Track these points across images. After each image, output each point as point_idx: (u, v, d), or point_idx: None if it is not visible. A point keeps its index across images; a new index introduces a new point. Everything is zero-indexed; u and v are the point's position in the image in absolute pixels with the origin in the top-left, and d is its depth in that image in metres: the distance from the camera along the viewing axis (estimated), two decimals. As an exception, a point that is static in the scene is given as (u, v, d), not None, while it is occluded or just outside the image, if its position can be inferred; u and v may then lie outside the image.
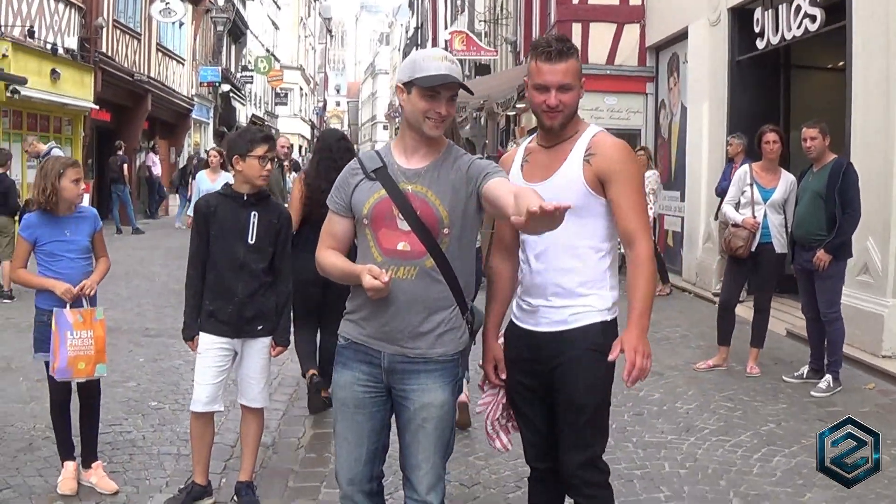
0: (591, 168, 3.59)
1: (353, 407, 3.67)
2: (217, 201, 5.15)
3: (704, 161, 13.72)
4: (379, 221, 3.53)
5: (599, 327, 3.64)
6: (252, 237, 5.05)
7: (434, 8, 51.11)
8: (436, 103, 3.47)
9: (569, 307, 3.65)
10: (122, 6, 25.48)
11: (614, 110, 17.53)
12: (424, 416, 3.58)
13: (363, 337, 3.62)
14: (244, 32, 46.16)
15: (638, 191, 3.67)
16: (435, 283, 3.52)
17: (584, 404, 3.64)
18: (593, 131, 3.70)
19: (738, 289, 8.67)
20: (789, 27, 10.83)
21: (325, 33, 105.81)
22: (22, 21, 18.83)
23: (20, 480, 5.48)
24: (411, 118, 3.55)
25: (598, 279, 3.67)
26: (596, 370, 3.61)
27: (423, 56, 3.54)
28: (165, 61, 30.27)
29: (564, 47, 3.62)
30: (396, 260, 3.50)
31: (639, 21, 17.22)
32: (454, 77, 3.47)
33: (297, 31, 73.33)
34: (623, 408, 7.26)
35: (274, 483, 5.66)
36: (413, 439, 3.62)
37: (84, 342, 5.24)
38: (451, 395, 3.63)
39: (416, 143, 3.59)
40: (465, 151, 3.69)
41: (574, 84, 3.63)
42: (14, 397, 7.10)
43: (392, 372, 3.59)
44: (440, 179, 3.52)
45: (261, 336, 5.17)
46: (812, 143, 7.69)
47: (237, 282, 5.04)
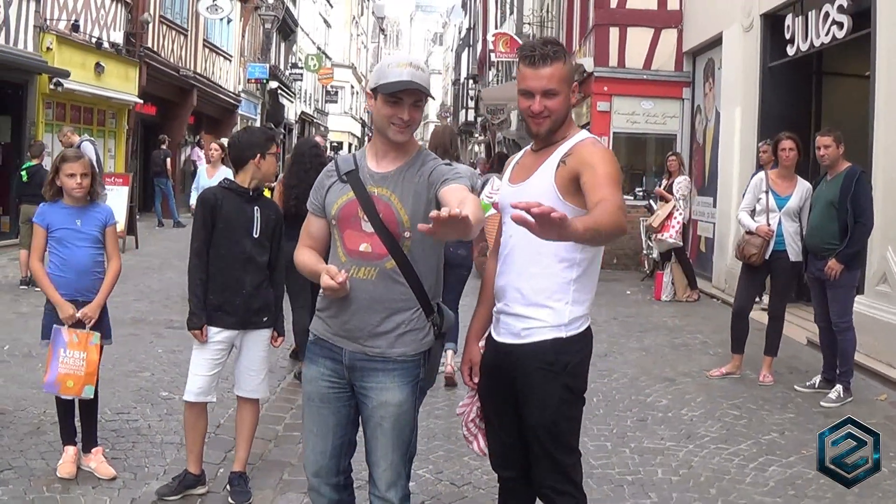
0: (566, 168, 3.49)
1: (318, 401, 3.75)
2: (222, 195, 5.26)
3: (736, 167, 13.65)
4: (345, 222, 3.61)
5: (550, 344, 3.55)
6: (256, 231, 5.20)
7: (485, 9, 51.16)
8: (399, 109, 3.52)
9: (523, 318, 3.59)
10: (168, 2, 25.81)
11: (651, 115, 17.52)
12: (382, 415, 3.64)
13: (328, 334, 3.71)
14: (294, 30, 46.43)
15: (610, 178, 3.38)
16: (396, 284, 3.57)
17: (537, 423, 3.60)
18: (580, 137, 3.62)
19: (752, 296, 8.61)
20: (818, 34, 10.76)
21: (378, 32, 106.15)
22: (67, 15, 19.14)
23: (22, 462, 5.62)
24: (378, 124, 3.62)
25: (558, 290, 3.56)
26: (546, 388, 3.56)
27: (388, 63, 3.59)
28: (212, 57, 30.57)
29: (550, 51, 3.53)
30: (358, 261, 3.58)
31: (676, 26, 17.16)
32: (416, 83, 3.49)
33: (350, 30, 73.68)
34: (627, 413, 7.28)
35: (270, 475, 5.74)
36: (372, 436, 3.69)
37: (75, 362, 5.39)
38: (409, 394, 3.67)
39: (386, 148, 3.66)
40: (436, 157, 3.72)
41: (560, 89, 3.55)
42: (30, 383, 7.25)
43: (353, 369, 3.66)
44: (404, 184, 3.57)
45: (264, 327, 5.32)
46: (826, 151, 7.64)
47: (245, 274, 5.16)
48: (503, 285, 3.69)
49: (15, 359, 8.12)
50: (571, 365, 3.58)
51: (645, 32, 17.39)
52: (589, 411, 7.21)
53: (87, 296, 5.48)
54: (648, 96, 17.47)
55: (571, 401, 3.63)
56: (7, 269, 13.61)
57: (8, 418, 6.45)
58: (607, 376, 8.45)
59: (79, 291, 5.46)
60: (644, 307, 12.97)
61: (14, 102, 17.79)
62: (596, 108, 17.63)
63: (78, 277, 5.46)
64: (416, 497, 5.40)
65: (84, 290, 5.48)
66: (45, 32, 18.17)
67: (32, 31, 17.77)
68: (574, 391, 3.63)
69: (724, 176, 14.29)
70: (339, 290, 3.47)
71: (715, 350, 9.74)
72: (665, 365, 9.05)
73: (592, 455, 6.19)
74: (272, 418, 6.83)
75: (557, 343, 3.55)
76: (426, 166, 3.61)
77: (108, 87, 20.92)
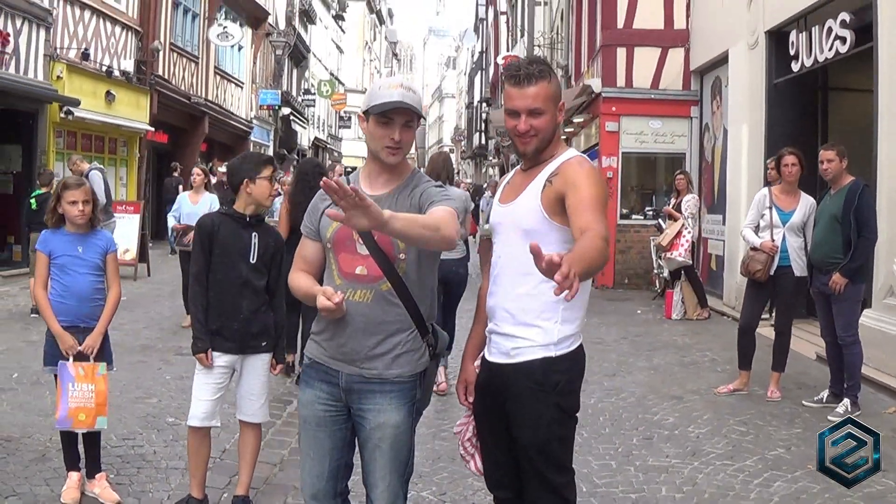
0: (552, 188, 3.47)
1: (314, 425, 3.75)
2: (219, 220, 5.31)
3: (744, 184, 13.63)
4: (340, 245, 3.62)
5: (539, 364, 3.53)
6: (254, 257, 5.22)
7: (496, 33, 51.42)
8: (390, 130, 3.52)
9: (512, 338, 3.57)
10: (179, 30, 26.00)
11: (659, 134, 17.56)
12: (380, 436, 3.63)
13: (324, 357, 3.71)
14: (306, 56, 46.68)
15: (593, 201, 3.35)
16: (391, 306, 3.57)
17: (528, 443, 3.58)
18: (567, 156, 3.59)
19: (758, 312, 8.57)
20: (821, 49, 10.77)
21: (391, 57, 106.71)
22: (77, 43, 19.34)
23: (27, 489, 5.64)
24: (371, 146, 3.62)
25: (546, 309, 3.52)
26: (537, 408, 3.54)
27: (379, 84, 3.61)
28: (223, 84, 30.75)
29: (535, 70, 3.51)
30: (354, 283, 3.58)
31: (683, 45, 17.21)
32: (406, 103, 3.50)
33: (362, 55, 74.06)
34: (634, 432, 7.26)
35: (274, 498, 5.74)
36: (370, 458, 3.69)
37: (85, 395, 5.43)
38: (406, 415, 3.66)
39: (379, 171, 3.67)
40: (429, 179, 3.73)
41: (546, 108, 3.52)
42: (37, 410, 7.29)
43: (349, 391, 3.66)
44: (397, 206, 3.54)
45: (264, 352, 5.34)
46: (829, 166, 7.64)
47: (242, 299, 5.19)
48: (493, 305, 3.69)
49: (23, 386, 8.15)
50: (562, 384, 3.56)
51: (652, 52, 17.45)
52: (595, 430, 7.23)
53: (88, 322, 5.52)
54: (657, 115, 17.51)
55: (563, 420, 3.61)
56: (18, 298, 13.68)
57: (14, 445, 6.47)
58: (615, 395, 8.44)
59: (80, 318, 5.50)
60: (654, 326, 12.94)
61: (25, 131, 17.93)
62: (605, 129, 17.68)
63: (79, 304, 5.50)
64: (419, 518, 5.43)
65: (85, 316, 5.52)
66: (56, 61, 18.36)
67: (43, 60, 17.96)
68: (565, 410, 3.61)
69: (733, 193, 14.28)
70: (335, 311, 3.47)
71: (724, 367, 9.71)
72: (673, 383, 9.03)
73: (596, 474, 6.17)
74: (277, 442, 6.83)
75: (547, 362, 3.53)
76: (418, 188, 3.62)
77: (118, 115, 21.09)
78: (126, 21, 21.79)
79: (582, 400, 8.01)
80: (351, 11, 65.32)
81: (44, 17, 17.76)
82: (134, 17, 22.25)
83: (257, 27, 33.97)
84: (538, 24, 32.63)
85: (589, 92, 18.38)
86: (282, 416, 7.50)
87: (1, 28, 16.42)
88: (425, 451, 6.60)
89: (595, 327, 12.57)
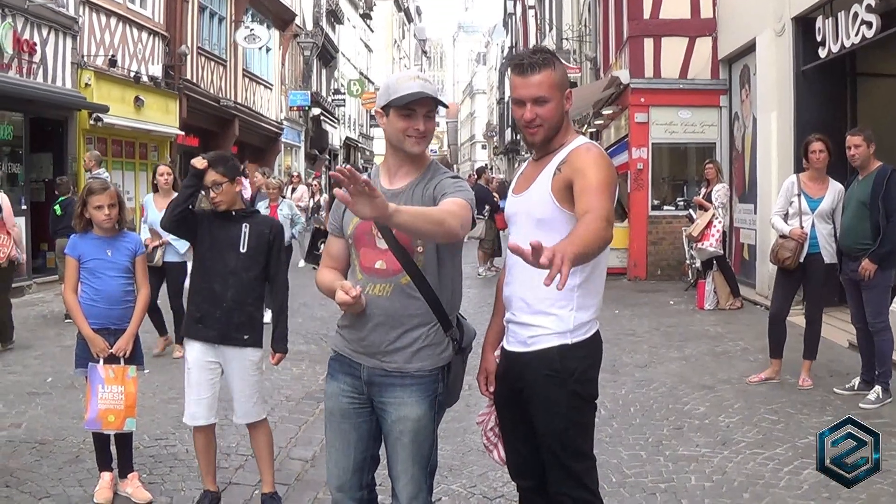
0: (561, 176, 3.50)
1: (339, 416, 3.81)
2: (210, 219, 5.36)
3: (774, 172, 13.54)
4: (361, 241, 3.67)
5: (556, 351, 3.55)
6: (244, 246, 5.24)
7: (525, 27, 51.26)
8: (413, 121, 3.59)
9: (529, 326, 3.60)
10: (206, 34, 26.14)
11: (688, 124, 17.44)
12: (401, 429, 3.68)
13: (347, 350, 3.77)
14: (334, 56, 46.79)
15: (600, 184, 3.37)
16: (411, 299, 3.61)
17: (546, 431, 3.61)
18: (576, 143, 3.60)
19: (789, 300, 8.52)
20: (848, 35, 10.66)
21: (421, 54, 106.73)
22: (105, 51, 19.50)
23: (61, 490, 5.74)
24: (393, 139, 3.67)
25: (561, 297, 3.51)
26: (554, 396, 3.56)
27: (396, 78, 3.66)
28: (252, 86, 30.86)
29: (539, 59, 3.55)
30: (374, 277, 3.64)
31: (710, 34, 17.06)
32: (427, 93, 3.55)
33: (392, 53, 74.19)
34: (665, 422, 7.25)
35: (305, 494, 5.81)
36: (393, 450, 3.74)
37: (115, 397, 5.51)
38: (428, 409, 3.70)
39: (399, 164, 3.72)
40: (447, 170, 3.79)
41: (551, 96, 3.55)
42: (71, 413, 7.38)
43: (371, 384, 3.71)
44: (414, 199, 3.60)
45: (247, 346, 5.28)
46: (856, 151, 7.58)
47: (226, 288, 5.21)
48: (509, 295, 3.72)
49: (57, 390, 8.26)
50: (578, 371, 3.57)
51: (679, 42, 17.33)
52: (625, 421, 7.24)
53: (119, 324, 5.60)
54: (686, 105, 17.38)
55: (580, 407, 3.63)
56: (53, 304, 13.83)
57: (48, 448, 6.57)
58: (646, 386, 8.43)
59: (110, 321, 5.59)
60: (686, 316, 12.89)
61: (55, 139, 18.08)
62: (634, 120, 17.58)
63: (109, 307, 5.58)
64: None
65: (115, 319, 5.60)
66: (83, 69, 18.53)
67: (70, 68, 18.13)
68: (583, 397, 3.62)
69: (764, 182, 14.19)
70: (354, 305, 3.53)
71: (756, 356, 9.66)
72: (705, 373, 9.00)
73: (626, 464, 6.18)
74: (308, 439, 6.89)
75: (563, 349, 3.55)
76: (434, 179, 3.67)
77: (148, 120, 21.24)
78: (153, 27, 21.95)
79: (612, 391, 8.13)
80: (378, 10, 65.44)
81: (70, 26, 17.92)
82: (160, 23, 22.39)
83: (284, 29, 34.09)
84: (566, 17, 32.56)
85: (617, 83, 18.31)
86: (314, 413, 7.55)
87: (28, 37, 16.59)
88: (455, 445, 6.64)
89: (627, 319, 12.57)
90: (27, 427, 7.12)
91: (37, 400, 7.82)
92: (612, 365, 9.34)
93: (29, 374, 9.00)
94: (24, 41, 16.44)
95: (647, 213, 17.54)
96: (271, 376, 8.40)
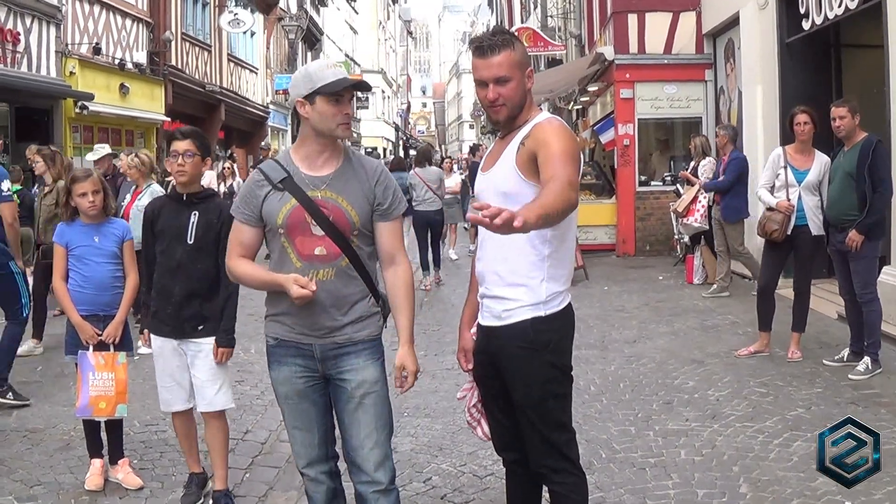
0: (525, 150, 3.56)
1: (297, 398, 3.93)
2: (162, 203, 5.31)
3: (760, 145, 13.55)
4: (295, 229, 3.78)
5: (530, 324, 3.61)
6: (191, 237, 5.07)
7: (510, 6, 51.08)
8: (342, 106, 3.74)
9: (502, 300, 3.66)
10: (189, 19, 25.97)
11: (674, 99, 17.44)
12: (363, 393, 3.82)
13: (292, 335, 3.87)
14: (319, 38, 46.59)
15: (563, 153, 3.43)
16: (351, 279, 3.82)
17: (524, 402, 3.68)
18: (541, 118, 3.68)
19: (776, 273, 8.51)
20: (831, 6, 10.67)
21: (406, 35, 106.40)
22: (89, 38, 19.40)
23: (52, 478, 5.74)
24: (321, 126, 3.76)
25: (532, 268, 3.60)
26: (529, 368, 3.63)
27: (317, 67, 3.80)
28: (238, 71, 30.74)
29: (498, 40, 3.61)
30: (315, 264, 3.78)
31: (694, 8, 17.03)
32: (352, 80, 3.77)
33: (377, 35, 73.86)
34: (654, 397, 7.28)
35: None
36: (352, 420, 3.85)
37: (105, 383, 5.49)
38: (382, 371, 3.90)
39: (320, 150, 3.83)
40: (363, 155, 4.04)
41: (512, 75, 3.62)
42: (62, 401, 7.38)
43: (325, 360, 3.85)
44: (348, 186, 3.80)
45: (203, 336, 5.14)
46: (841, 122, 7.57)
47: (174, 283, 5.09)
48: (481, 270, 3.79)
49: (47, 378, 8.25)
50: (553, 342, 3.64)
51: (663, 17, 17.29)
52: (615, 397, 7.26)
53: (107, 311, 5.59)
54: (671, 80, 17.35)
55: (557, 378, 3.70)
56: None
57: (39, 436, 6.57)
58: (635, 361, 8.46)
59: (99, 307, 5.58)
60: (675, 291, 12.92)
61: (40, 128, 17.98)
62: (619, 96, 17.55)
63: (98, 293, 5.58)
64: (439, 490, 5.48)
65: (104, 305, 5.59)
66: (67, 57, 18.43)
67: (55, 57, 18.02)
68: (559, 368, 3.69)
69: (750, 155, 14.13)
70: (311, 297, 3.64)
71: (745, 330, 9.69)
72: (694, 347, 9.03)
73: (616, 440, 6.20)
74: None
75: (537, 322, 3.61)
76: (363, 170, 3.87)
77: (133, 107, 21.15)
78: (136, 13, 21.82)
79: (601, 367, 8.16)
80: (363, -8, 65.21)
81: (53, 14, 17.81)
82: (144, 9, 22.27)
83: (268, 12, 33.88)
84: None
85: (602, 60, 18.26)
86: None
87: (11, 27, 16.49)
88: (445, 424, 6.66)
89: (616, 295, 12.60)
90: (17, 415, 7.10)
91: (27, 389, 7.79)
92: (602, 341, 9.35)
93: (18, 362, 8.94)
94: (7, 31, 16.37)
95: (635, 189, 17.52)
96: (261, 359, 8.37)
